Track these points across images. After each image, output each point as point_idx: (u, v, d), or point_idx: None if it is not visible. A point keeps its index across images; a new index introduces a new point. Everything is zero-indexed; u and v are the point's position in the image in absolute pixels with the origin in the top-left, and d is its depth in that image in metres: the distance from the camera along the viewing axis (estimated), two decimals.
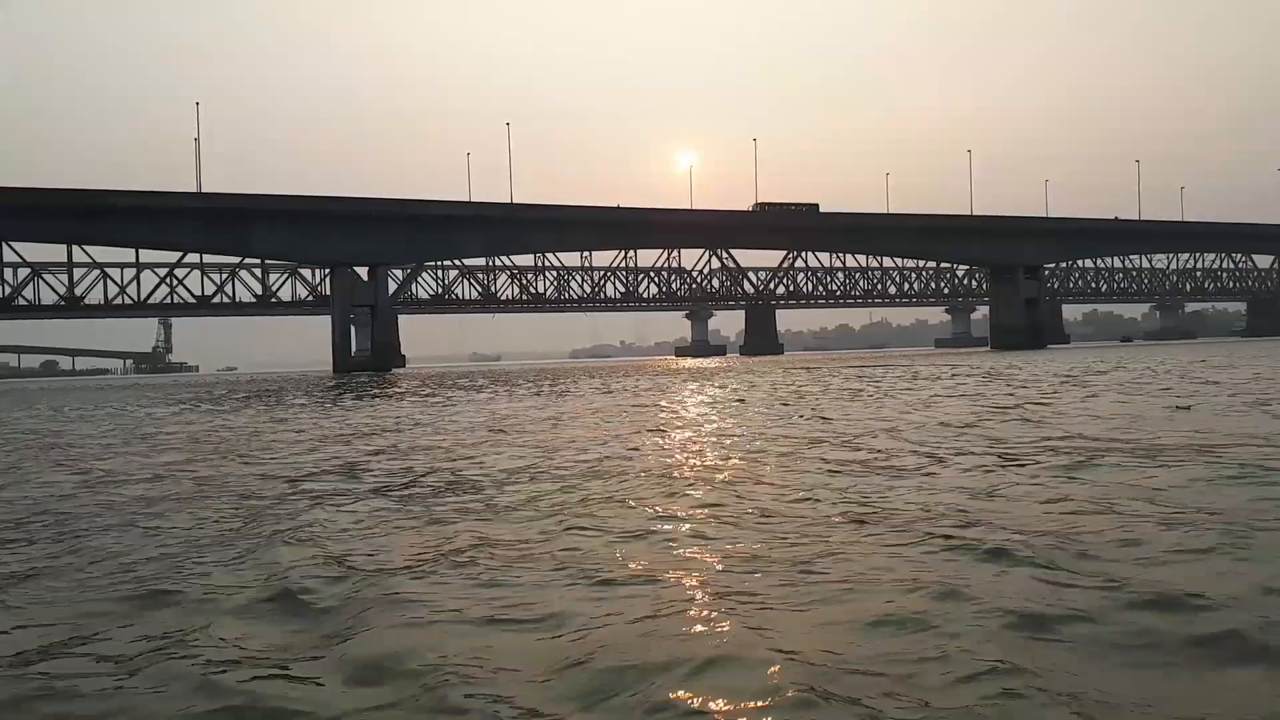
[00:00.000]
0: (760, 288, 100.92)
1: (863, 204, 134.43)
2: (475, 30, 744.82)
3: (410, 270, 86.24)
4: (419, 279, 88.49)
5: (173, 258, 77.92)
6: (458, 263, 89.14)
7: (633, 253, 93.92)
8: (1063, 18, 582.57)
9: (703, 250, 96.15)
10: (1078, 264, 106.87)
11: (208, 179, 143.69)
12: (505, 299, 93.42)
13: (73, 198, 67.08)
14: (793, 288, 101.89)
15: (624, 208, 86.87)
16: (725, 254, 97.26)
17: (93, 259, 75.93)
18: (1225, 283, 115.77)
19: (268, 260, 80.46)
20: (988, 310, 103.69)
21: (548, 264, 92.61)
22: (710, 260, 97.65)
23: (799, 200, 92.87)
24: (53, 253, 74.41)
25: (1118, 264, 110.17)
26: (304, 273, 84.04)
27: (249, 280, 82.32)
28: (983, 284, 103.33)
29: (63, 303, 76.70)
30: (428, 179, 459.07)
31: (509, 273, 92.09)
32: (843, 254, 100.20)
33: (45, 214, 66.62)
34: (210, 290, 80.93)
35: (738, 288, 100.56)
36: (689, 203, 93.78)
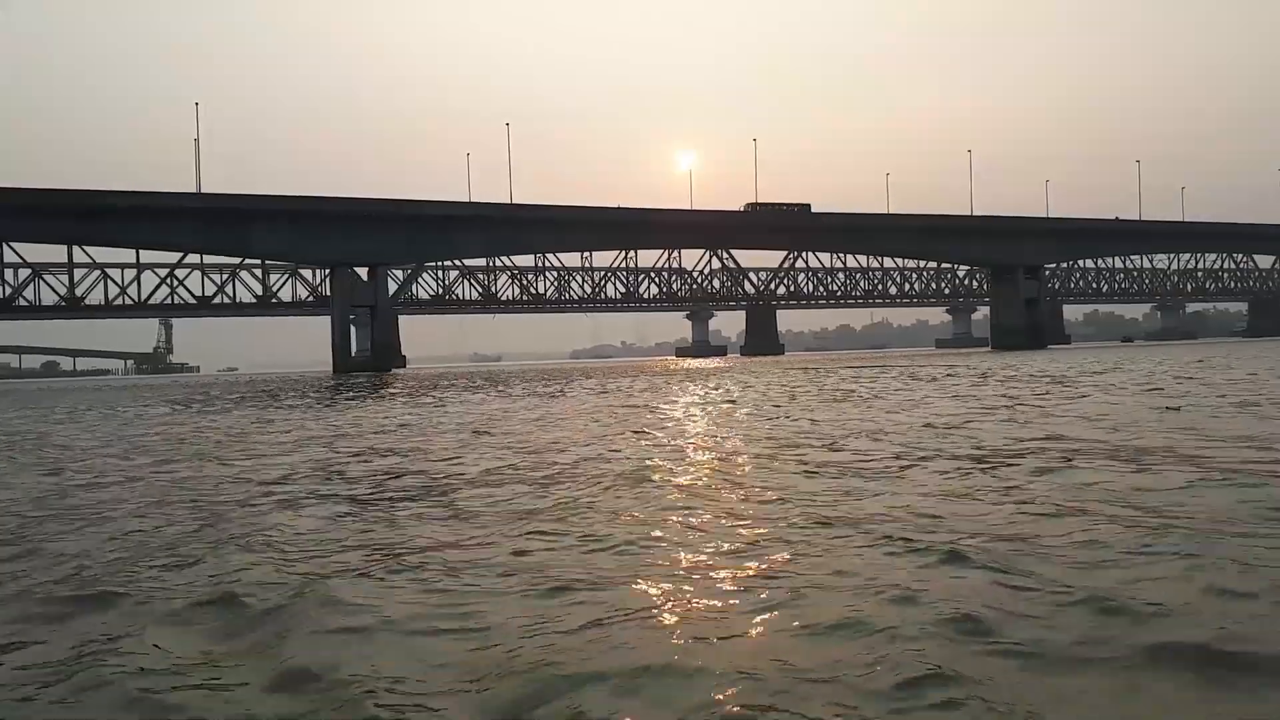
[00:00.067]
0: (761, 288, 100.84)
1: (863, 204, 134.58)
2: (475, 30, 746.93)
3: (411, 270, 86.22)
4: (419, 279, 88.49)
5: (173, 258, 78.04)
6: (458, 263, 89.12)
7: (633, 253, 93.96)
8: (1063, 18, 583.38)
9: (703, 251, 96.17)
10: (1078, 264, 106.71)
11: (208, 179, 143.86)
12: (506, 299, 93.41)
13: (73, 198, 67.12)
14: (793, 288, 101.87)
15: (622, 208, 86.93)
16: (726, 254, 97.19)
17: (93, 259, 76.04)
18: (1226, 283, 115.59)
19: (268, 261, 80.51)
20: (988, 310, 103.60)
21: (548, 264, 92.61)
22: (711, 260, 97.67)
23: (792, 200, 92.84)
24: (53, 253, 74.58)
25: (1118, 264, 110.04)
26: (304, 273, 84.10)
27: (249, 281, 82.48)
28: (983, 284, 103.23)
29: (63, 303, 76.78)
30: (428, 179, 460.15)
31: (509, 273, 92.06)
32: (843, 254, 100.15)
33: (45, 214, 66.66)
34: (210, 291, 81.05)
35: (738, 288, 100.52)
36: (689, 203, 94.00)
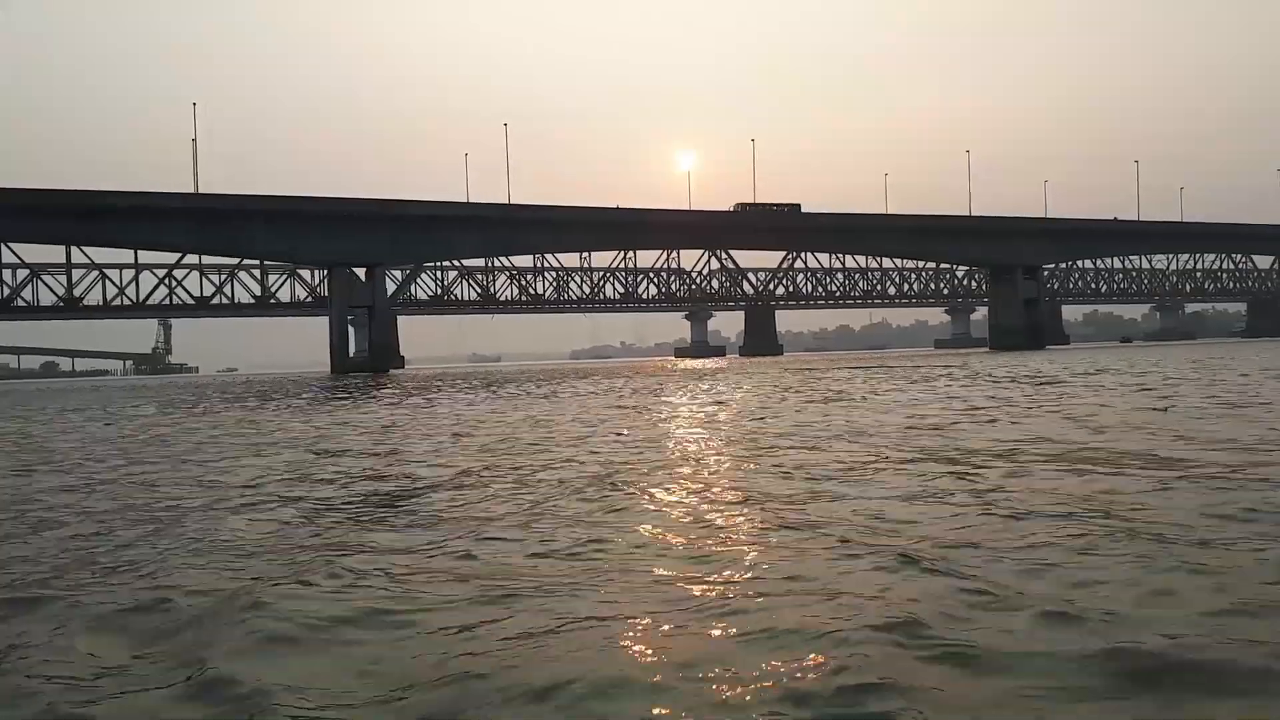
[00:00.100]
0: (759, 288, 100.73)
1: (862, 204, 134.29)
2: (475, 30, 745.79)
3: (409, 271, 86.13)
4: (418, 280, 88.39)
5: (171, 258, 77.92)
6: (457, 263, 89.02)
7: (632, 253, 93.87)
8: (1063, 18, 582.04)
9: (702, 251, 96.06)
10: (1077, 265, 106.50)
11: (208, 179, 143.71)
12: (504, 300, 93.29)
13: (71, 198, 67.03)
14: (792, 288, 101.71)
15: (620, 208, 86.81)
16: (725, 254, 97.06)
17: (91, 260, 75.91)
18: (1225, 283, 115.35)
19: (266, 261, 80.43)
20: (987, 311, 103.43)
21: (547, 265, 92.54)
22: (709, 261, 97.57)
23: (782, 201, 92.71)
24: (51, 254, 74.49)
25: (1118, 264, 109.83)
26: (303, 274, 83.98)
27: (248, 281, 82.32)
28: (982, 285, 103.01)
29: (62, 304, 76.66)
30: (428, 179, 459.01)
31: (508, 273, 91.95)
32: (841, 255, 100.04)
33: (43, 214, 66.55)
34: (209, 291, 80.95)
35: (737, 288, 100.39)
36: (688, 203, 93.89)
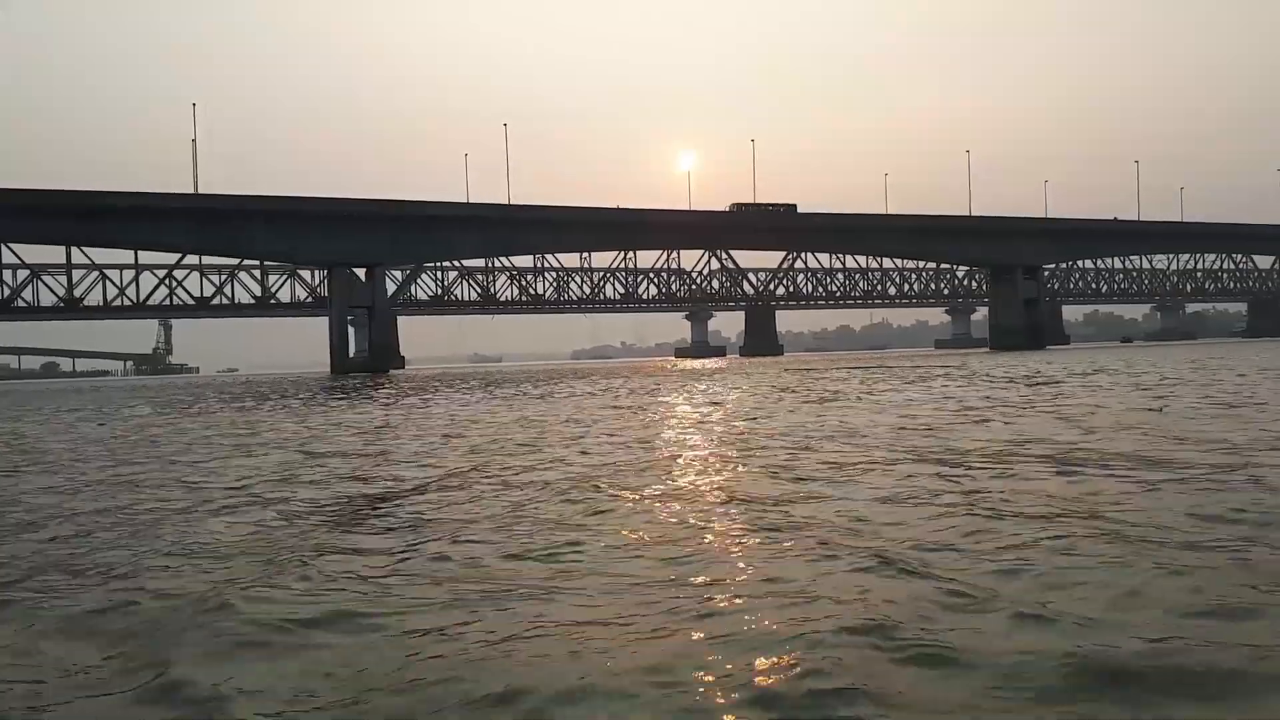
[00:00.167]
0: (760, 288, 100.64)
1: (862, 204, 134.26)
2: (475, 30, 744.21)
3: (410, 271, 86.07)
4: (418, 280, 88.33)
5: (171, 259, 77.90)
6: (457, 264, 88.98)
7: (632, 254, 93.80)
8: (1063, 18, 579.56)
9: (702, 251, 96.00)
10: (1078, 265, 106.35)
11: (209, 179, 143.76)
12: (504, 300, 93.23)
13: (70, 198, 67.02)
14: (792, 289, 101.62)
15: (620, 208, 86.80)
16: (725, 255, 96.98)
17: (91, 260, 75.91)
18: (1225, 283, 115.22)
19: (266, 261, 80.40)
20: (987, 311, 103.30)
21: (547, 265, 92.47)
22: (710, 261, 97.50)
23: (778, 201, 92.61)
24: (51, 254, 74.47)
25: (1118, 264, 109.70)
26: (303, 274, 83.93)
27: (248, 281, 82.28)
28: (983, 285, 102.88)
29: (62, 304, 76.66)
30: (428, 179, 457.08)
31: (508, 274, 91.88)
32: (841, 255, 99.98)
33: (43, 215, 66.53)
34: (209, 291, 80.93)
35: (737, 289, 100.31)
36: (688, 203, 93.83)
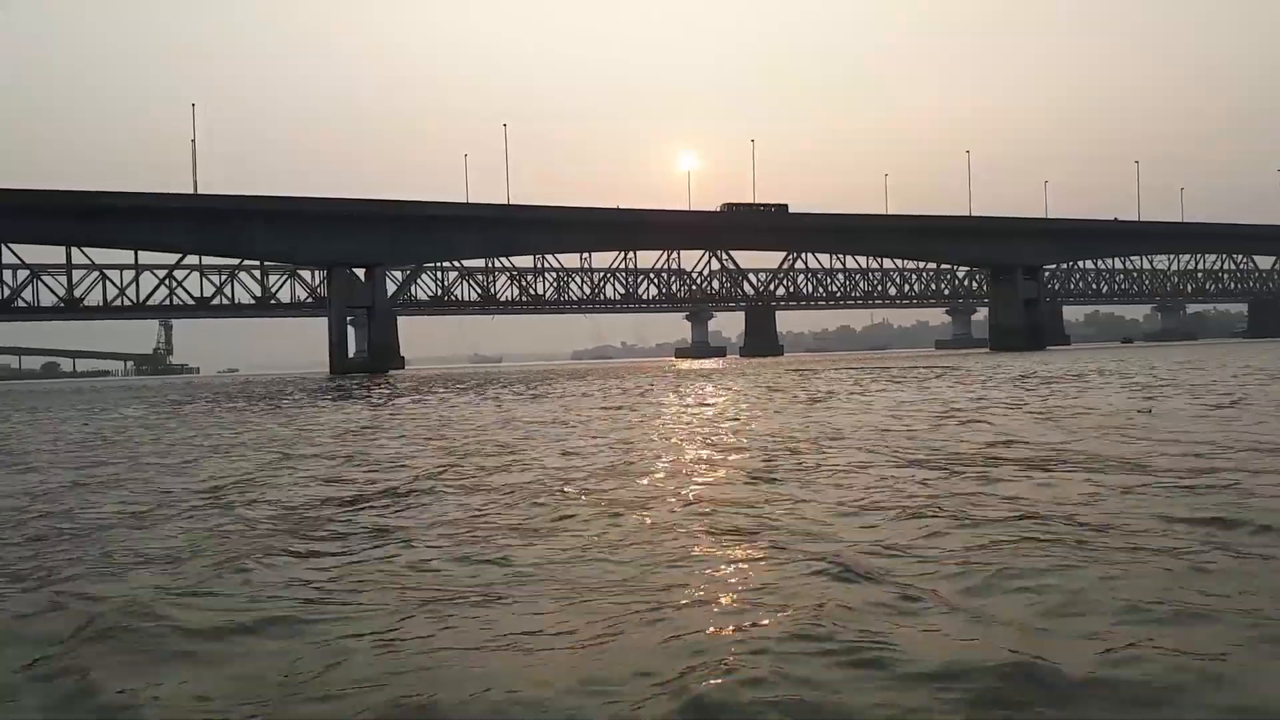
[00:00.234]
0: (760, 289, 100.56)
1: (862, 204, 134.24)
2: (475, 30, 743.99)
3: (410, 271, 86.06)
4: (419, 280, 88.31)
5: (171, 259, 77.95)
6: (457, 264, 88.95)
7: (632, 254, 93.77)
8: (1063, 18, 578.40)
9: (703, 251, 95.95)
10: (1078, 265, 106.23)
11: (209, 179, 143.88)
12: (505, 300, 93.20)
13: (70, 199, 67.06)
14: (792, 289, 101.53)
15: (619, 209, 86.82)
16: (725, 255, 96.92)
17: (91, 261, 75.95)
18: (1226, 284, 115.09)
19: (266, 261, 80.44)
20: (987, 311, 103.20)
21: (547, 265, 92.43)
22: (710, 261, 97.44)
23: (769, 200, 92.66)
24: (51, 254, 74.55)
25: (1118, 265, 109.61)
26: (303, 274, 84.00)
27: (248, 282, 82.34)
28: (983, 285, 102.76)
29: (62, 304, 76.71)
30: (428, 179, 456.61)
31: (508, 274, 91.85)
32: (842, 255, 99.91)
33: (43, 215, 66.56)
34: (209, 292, 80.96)
35: (737, 289, 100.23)
36: (688, 203, 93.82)
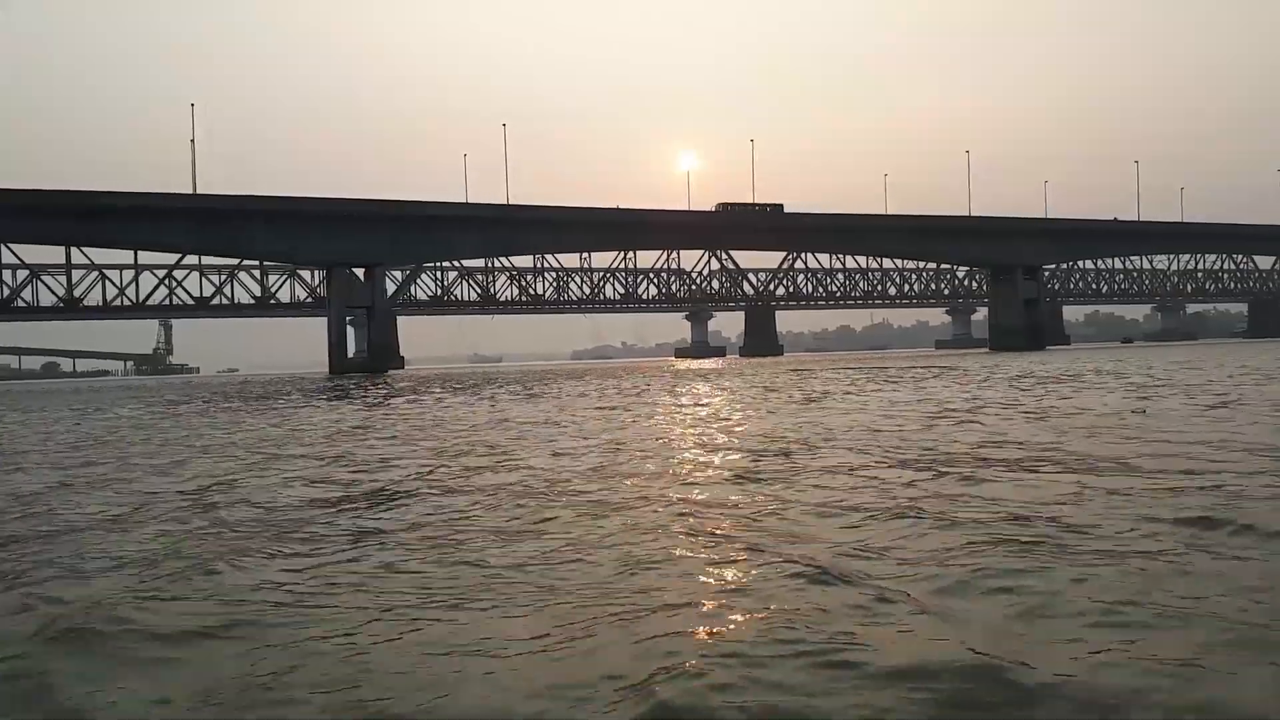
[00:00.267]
0: (760, 289, 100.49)
1: (862, 204, 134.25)
2: (475, 30, 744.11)
3: (410, 271, 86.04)
4: (418, 280, 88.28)
5: (171, 259, 77.97)
6: (457, 264, 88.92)
7: (632, 254, 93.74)
8: (1063, 18, 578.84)
9: (702, 251, 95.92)
10: (1078, 265, 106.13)
11: (209, 179, 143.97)
12: (504, 300, 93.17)
13: (69, 199, 67.02)
14: (792, 289, 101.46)
15: (618, 209, 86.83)
16: (725, 255, 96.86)
17: (91, 261, 75.94)
18: (1226, 284, 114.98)
19: (266, 261, 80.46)
20: (987, 311, 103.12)
21: (547, 265, 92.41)
22: (709, 261, 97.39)
23: (765, 200, 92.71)
24: (51, 254, 74.56)
25: (1119, 265, 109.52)
26: (303, 274, 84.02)
27: (248, 282, 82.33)
28: (983, 285, 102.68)
29: (62, 304, 76.70)
30: (428, 179, 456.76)
31: (508, 274, 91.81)
32: (842, 255, 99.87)
33: (43, 215, 66.52)
34: (209, 292, 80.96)
35: (737, 289, 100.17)
36: (688, 203, 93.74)
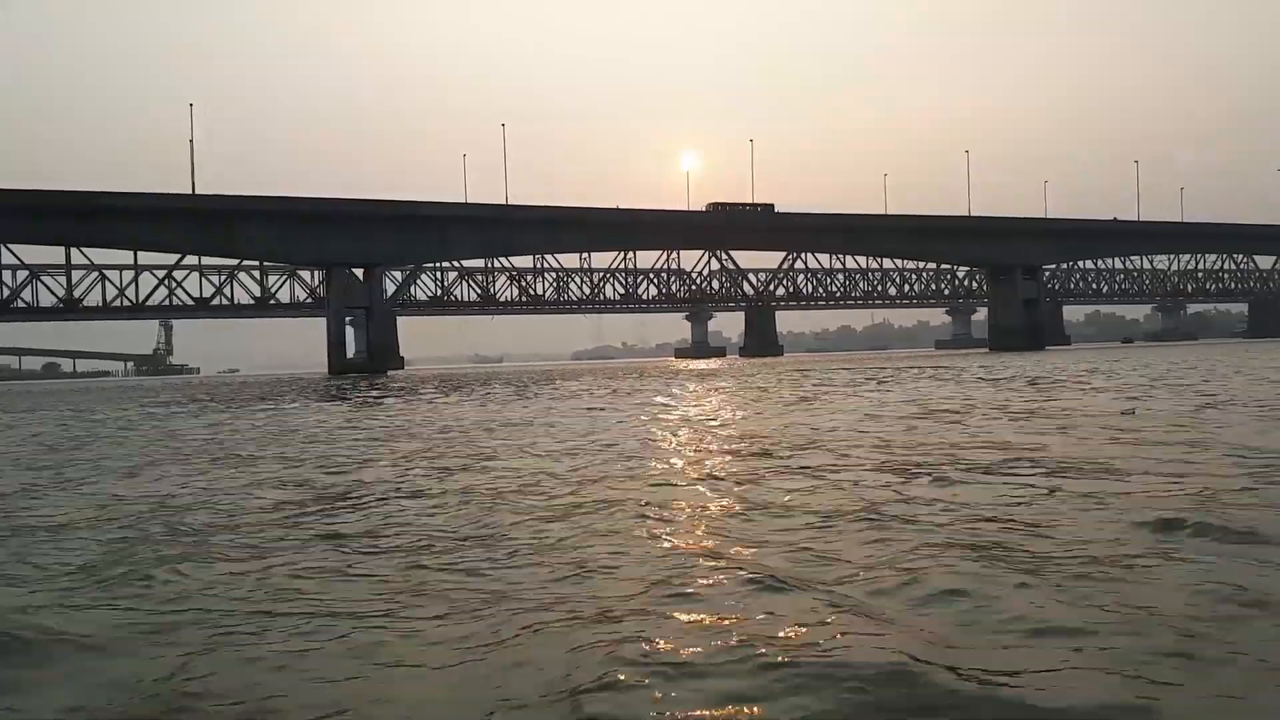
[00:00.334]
0: (760, 289, 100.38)
1: (862, 204, 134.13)
2: (475, 30, 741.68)
3: (409, 272, 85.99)
4: (418, 280, 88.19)
5: (171, 259, 77.93)
6: (456, 264, 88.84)
7: (632, 254, 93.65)
8: (1063, 18, 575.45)
9: (702, 251, 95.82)
10: (1078, 265, 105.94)
11: (209, 180, 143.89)
12: (504, 300, 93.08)
13: (70, 199, 67.02)
14: (792, 289, 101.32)
15: (616, 209, 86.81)
16: (725, 255, 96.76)
17: (91, 261, 75.91)
18: (1227, 284, 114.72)
19: (265, 262, 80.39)
20: (987, 311, 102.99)
21: (547, 265, 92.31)
22: (709, 261, 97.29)
23: (755, 200, 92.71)
24: (50, 255, 74.48)
25: (1119, 265, 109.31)
26: (303, 274, 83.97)
27: (247, 282, 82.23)
28: (983, 285, 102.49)
29: (61, 305, 76.64)
30: (428, 179, 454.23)
31: (508, 274, 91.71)
32: (841, 255, 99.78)
33: (43, 215, 66.49)
34: (209, 292, 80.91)
35: (737, 289, 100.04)
36: (687, 203, 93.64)
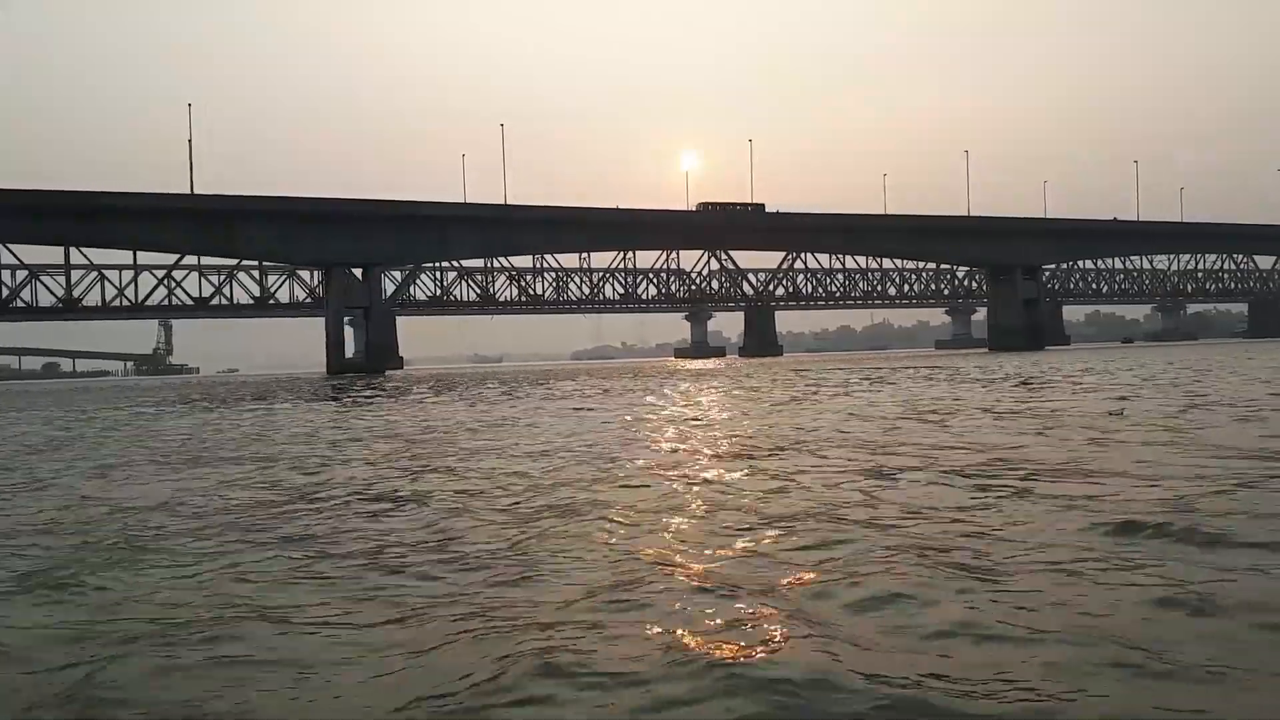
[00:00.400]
0: (759, 289, 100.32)
1: (862, 204, 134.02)
2: (475, 30, 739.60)
3: (409, 272, 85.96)
4: (418, 280, 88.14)
5: (170, 259, 77.92)
6: (456, 264, 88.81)
7: (631, 254, 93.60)
8: (1063, 18, 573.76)
9: (702, 251, 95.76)
10: (1078, 265, 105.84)
11: (208, 180, 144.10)
12: (504, 300, 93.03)
13: (69, 199, 67.00)
14: (792, 289, 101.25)
15: (615, 208, 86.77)
16: (724, 255, 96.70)
17: (90, 261, 75.90)
18: (1226, 284, 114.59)
19: (264, 262, 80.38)
20: (986, 311, 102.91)
21: (546, 265, 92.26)
22: (709, 261, 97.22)
23: (746, 200, 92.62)
24: (50, 255, 74.46)
25: (1119, 265, 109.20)
26: (302, 274, 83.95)
27: (247, 282, 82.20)
28: (983, 285, 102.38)
29: (61, 304, 76.63)
30: (428, 179, 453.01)
31: (507, 274, 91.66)
32: (841, 255, 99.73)
33: (42, 215, 66.47)
34: (208, 292, 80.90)
35: (737, 289, 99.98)
36: (686, 203, 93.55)
